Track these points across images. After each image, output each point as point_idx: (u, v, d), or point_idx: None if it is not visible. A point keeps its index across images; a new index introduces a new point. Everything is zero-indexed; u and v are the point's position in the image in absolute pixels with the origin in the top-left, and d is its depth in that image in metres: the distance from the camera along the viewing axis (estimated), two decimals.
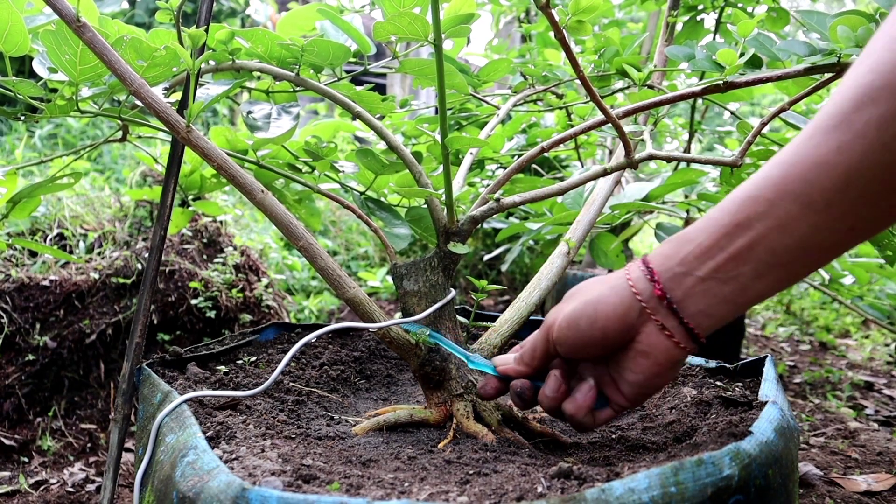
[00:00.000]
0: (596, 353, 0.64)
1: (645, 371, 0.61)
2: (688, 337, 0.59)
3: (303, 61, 0.91)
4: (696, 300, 0.58)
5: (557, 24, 0.71)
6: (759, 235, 0.53)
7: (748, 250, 0.54)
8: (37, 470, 1.44)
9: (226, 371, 0.91)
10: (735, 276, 0.55)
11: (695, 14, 1.55)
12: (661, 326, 0.59)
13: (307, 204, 1.13)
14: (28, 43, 0.76)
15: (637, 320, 0.60)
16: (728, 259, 0.55)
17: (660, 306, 0.59)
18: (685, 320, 0.58)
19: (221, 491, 0.52)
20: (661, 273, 0.59)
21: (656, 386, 0.63)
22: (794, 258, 0.53)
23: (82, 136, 3.72)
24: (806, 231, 0.52)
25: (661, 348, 0.60)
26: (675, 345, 0.59)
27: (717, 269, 0.56)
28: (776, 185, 0.52)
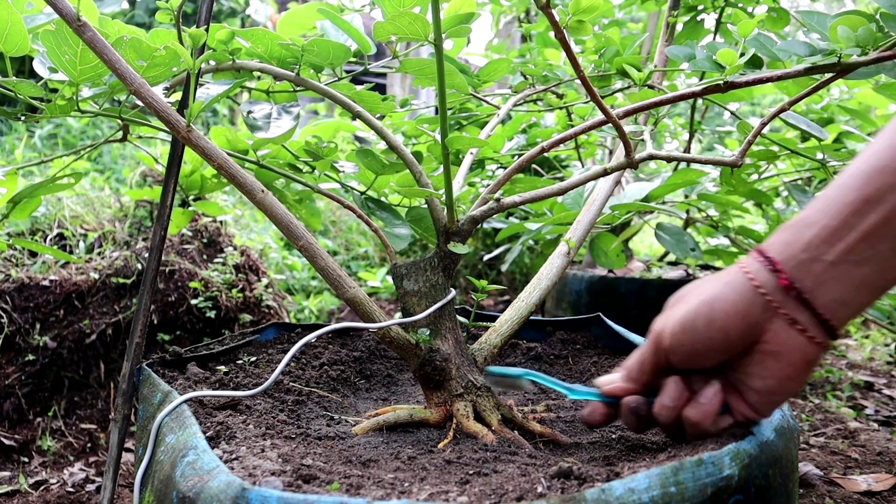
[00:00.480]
0: (716, 359, 0.57)
1: (776, 374, 0.54)
2: (823, 331, 0.52)
3: (303, 61, 0.91)
4: (830, 288, 0.51)
5: (558, 24, 0.71)
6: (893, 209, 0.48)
7: (884, 226, 0.48)
8: (37, 470, 1.44)
9: (226, 371, 0.91)
10: (871, 256, 0.49)
11: (695, 14, 1.55)
12: (791, 321, 0.52)
13: (307, 204, 1.13)
14: (28, 43, 0.76)
15: (762, 317, 0.53)
16: (861, 238, 0.49)
17: (787, 299, 0.52)
18: (819, 311, 0.51)
19: (221, 491, 0.52)
20: (784, 262, 0.52)
21: (789, 391, 0.55)
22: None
23: (82, 136, 3.72)
24: None
25: (793, 346, 0.53)
26: (809, 340, 0.52)
27: (849, 250, 0.50)
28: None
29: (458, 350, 0.82)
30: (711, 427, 0.59)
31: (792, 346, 0.53)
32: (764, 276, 0.53)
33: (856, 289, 0.51)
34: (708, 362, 0.57)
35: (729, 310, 0.54)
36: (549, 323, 1.18)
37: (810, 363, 0.54)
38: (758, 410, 0.57)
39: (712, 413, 0.58)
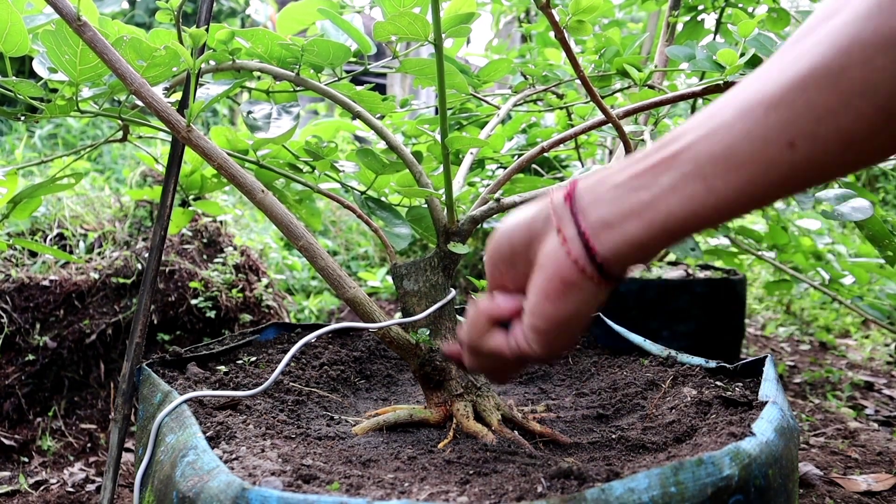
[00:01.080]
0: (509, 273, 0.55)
1: (537, 290, 0.51)
2: (582, 249, 0.48)
3: (303, 61, 0.91)
4: (601, 207, 0.48)
5: (558, 24, 0.71)
6: (687, 144, 0.45)
7: (671, 159, 0.46)
8: (37, 470, 1.44)
9: (226, 371, 0.91)
10: (648, 184, 0.46)
11: (695, 14, 1.55)
12: (558, 231, 0.50)
13: (307, 204, 1.13)
14: (28, 43, 0.76)
15: (542, 229, 0.51)
16: (649, 167, 0.47)
17: (564, 211, 0.50)
18: (580, 224, 0.49)
19: (221, 491, 0.52)
20: (580, 181, 0.51)
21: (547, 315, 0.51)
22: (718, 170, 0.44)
23: (82, 136, 3.72)
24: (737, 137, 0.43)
25: (553, 258, 0.50)
26: (566, 255, 0.49)
27: (633, 176, 0.47)
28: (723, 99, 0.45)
29: None
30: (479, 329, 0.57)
31: (552, 257, 0.50)
32: (558, 192, 0.52)
33: (624, 213, 0.47)
34: (505, 277, 0.56)
35: (519, 219, 0.53)
36: None
37: (564, 282, 0.50)
38: (526, 338, 0.54)
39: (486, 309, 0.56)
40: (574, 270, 0.49)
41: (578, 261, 0.49)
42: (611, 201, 0.48)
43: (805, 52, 0.42)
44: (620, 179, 0.48)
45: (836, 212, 0.95)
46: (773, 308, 3.23)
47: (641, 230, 0.47)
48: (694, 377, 0.90)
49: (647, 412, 0.85)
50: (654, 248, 0.48)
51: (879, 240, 1.04)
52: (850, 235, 3.20)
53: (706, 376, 0.89)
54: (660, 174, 0.46)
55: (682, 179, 0.45)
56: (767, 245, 1.80)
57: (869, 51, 0.40)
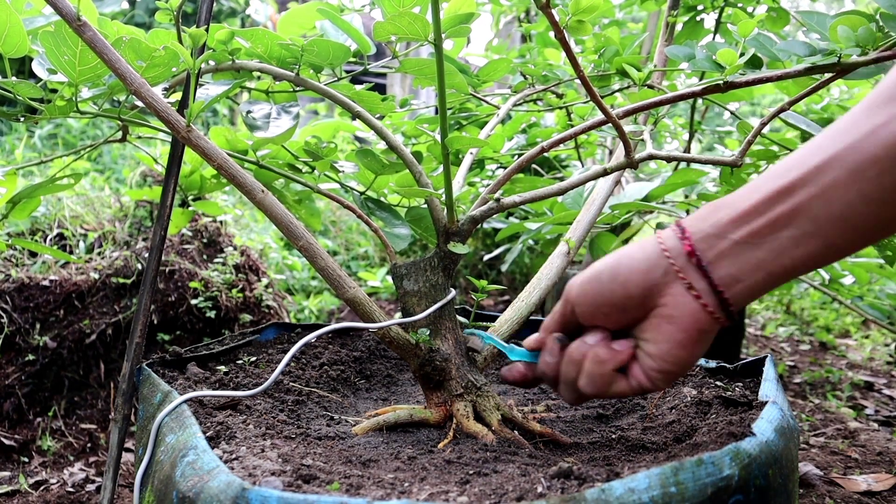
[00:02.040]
0: (615, 315, 0.58)
1: (669, 339, 0.56)
2: (717, 303, 0.54)
3: (303, 61, 0.91)
4: (728, 263, 0.54)
5: (557, 24, 0.71)
6: (802, 202, 0.50)
7: (788, 217, 0.51)
8: (37, 470, 1.44)
9: (226, 371, 0.91)
10: (770, 241, 0.52)
11: (695, 14, 1.55)
12: (688, 286, 0.54)
13: (307, 204, 1.13)
14: (27, 44, 0.76)
15: (662, 279, 0.55)
16: (766, 224, 0.52)
17: (688, 265, 0.55)
18: (715, 282, 0.54)
19: (221, 491, 0.52)
20: (693, 233, 0.55)
21: (681, 360, 0.56)
22: (836, 229, 0.50)
23: (82, 137, 3.72)
24: (853, 199, 0.49)
25: (687, 311, 0.55)
26: (702, 308, 0.54)
27: (752, 233, 0.52)
28: (826, 152, 0.50)
29: (457, 350, 0.82)
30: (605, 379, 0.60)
31: (686, 310, 0.55)
32: (672, 242, 0.56)
33: (751, 269, 0.53)
34: (608, 319, 0.59)
35: (633, 266, 0.57)
36: None
37: (702, 332, 0.55)
38: (651, 379, 0.58)
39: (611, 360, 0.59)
40: (710, 321, 0.55)
41: (714, 313, 0.54)
42: (736, 258, 0.54)
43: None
44: (739, 236, 0.53)
45: None
46: (773, 308, 3.23)
47: (767, 280, 0.53)
48: (694, 377, 0.90)
49: (647, 412, 0.85)
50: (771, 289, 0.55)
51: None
52: None
53: (706, 376, 0.89)
54: (779, 232, 0.52)
55: (803, 237, 0.51)
56: None
57: None
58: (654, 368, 0.58)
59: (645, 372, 0.58)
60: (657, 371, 0.58)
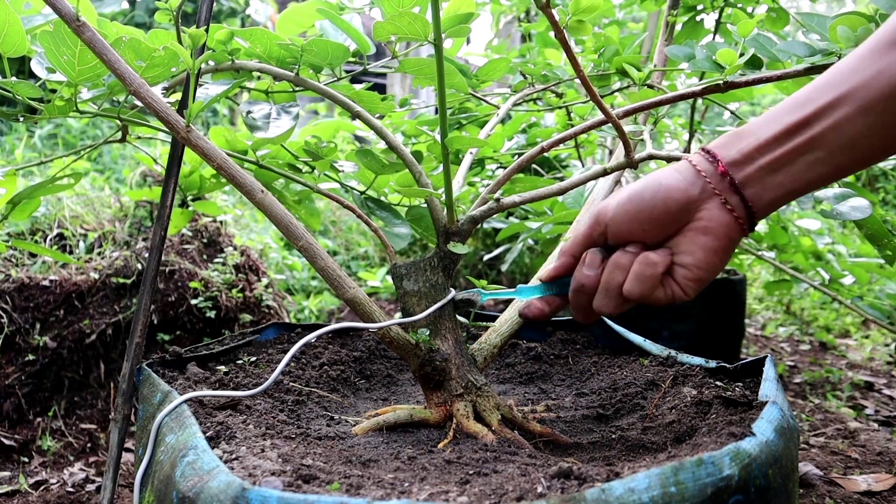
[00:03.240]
0: (654, 231, 0.64)
1: (705, 248, 0.62)
2: (746, 215, 0.62)
3: (302, 61, 0.91)
4: (754, 184, 0.61)
5: (557, 24, 0.71)
6: (816, 133, 0.59)
7: (805, 146, 0.59)
8: (37, 470, 1.44)
9: (226, 371, 0.91)
10: (789, 166, 0.60)
11: (695, 14, 1.55)
12: (723, 201, 0.61)
13: (307, 204, 1.13)
14: (26, 43, 0.76)
15: (700, 196, 0.62)
16: (786, 152, 0.60)
17: (723, 183, 0.62)
18: (747, 198, 0.61)
19: (221, 491, 0.52)
20: (725, 157, 0.62)
21: (713, 267, 0.63)
22: (845, 155, 0.59)
23: (82, 137, 3.72)
24: (861, 130, 0.57)
25: (722, 223, 0.62)
26: (735, 220, 0.62)
27: (774, 160, 0.60)
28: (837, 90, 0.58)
29: (458, 350, 0.82)
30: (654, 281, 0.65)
31: (721, 222, 0.62)
32: (705, 164, 0.63)
33: (774, 188, 0.61)
34: (647, 234, 0.65)
35: (673, 185, 0.63)
36: (549, 323, 1.17)
37: (733, 241, 0.63)
38: (685, 287, 0.65)
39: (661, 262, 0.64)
40: (741, 230, 0.62)
41: (744, 224, 0.62)
42: (760, 180, 0.61)
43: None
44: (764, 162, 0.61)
45: (836, 211, 0.95)
46: (773, 308, 3.23)
47: (785, 197, 0.62)
48: (694, 377, 0.90)
49: (647, 412, 0.85)
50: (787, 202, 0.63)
51: (878, 239, 1.04)
52: (850, 235, 3.20)
53: (706, 376, 0.89)
54: (796, 159, 0.60)
55: (816, 162, 0.60)
56: (767, 245, 1.80)
57: None
58: (688, 277, 0.64)
59: (679, 281, 0.65)
60: (692, 279, 0.64)
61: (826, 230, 2.24)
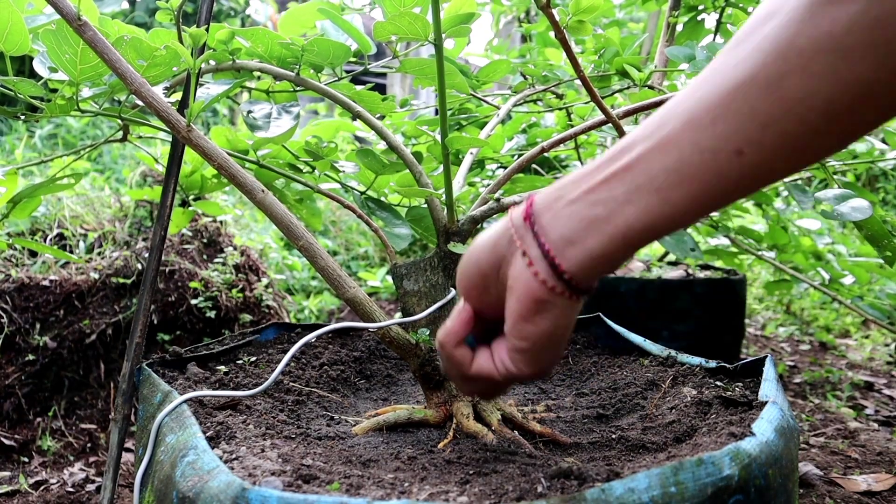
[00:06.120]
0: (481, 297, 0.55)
1: (511, 311, 0.52)
2: (548, 267, 0.49)
3: (303, 61, 0.91)
4: (560, 223, 0.49)
5: (558, 24, 0.71)
6: (638, 156, 0.46)
7: (624, 171, 0.47)
8: (37, 470, 1.44)
9: (226, 371, 0.91)
10: (605, 199, 0.47)
11: (695, 14, 1.55)
12: (522, 253, 0.50)
13: (308, 204, 1.13)
14: (28, 42, 0.76)
15: (507, 250, 0.52)
16: (603, 180, 0.48)
17: (525, 232, 0.51)
18: (544, 244, 0.49)
19: (221, 491, 0.52)
20: (537, 199, 0.51)
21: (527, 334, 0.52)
22: (672, 183, 0.45)
23: (82, 136, 3.72)
24: (686, 150, 0.44)
25: (522, 280, 0.50)
26: (533, 276, 0.49)
27: (588, 190, 0.48)
28: (668, 107, 0.47)
29: None
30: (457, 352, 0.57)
31: (521, 279, 0.51)
32: (517, 211, 0.52)
33: (584, 228, 0.48)
34: (478, 302, 0.56)
35: (483, 243, 0.54)
36: None
37: (536, 302, 0.50)
38: (511, 359, 0.54)
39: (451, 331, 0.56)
40: (544, 290, 0.49)
41: (547, 280, 0.49)
42: (569, 217, 0.48)
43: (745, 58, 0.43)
44: (575, 195, 0.49)
45: (836, 212, 0.95)
46: (773, 308, 3.23)
47: (603, 244, 0.47)
48: (694, 377, 0.90)
49: (647, 412, 0.85)
50: (618, 259, 0.49)
51: (878, 240, 1.04)
52: (849, 235, 3.20)
53: (706, 376, 0.89)
54: (614, 187, 0.47)
55: (636, 192, 0.46)
56: (767, 245, 1.80)
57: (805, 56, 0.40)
58: (510, 349, 0.54)
59: (507, 352, 0.54)
60: (513, 350, 0.54)
61: (826, 230, 2.24)
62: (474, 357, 0.57)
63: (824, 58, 0.40)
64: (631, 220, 0.46)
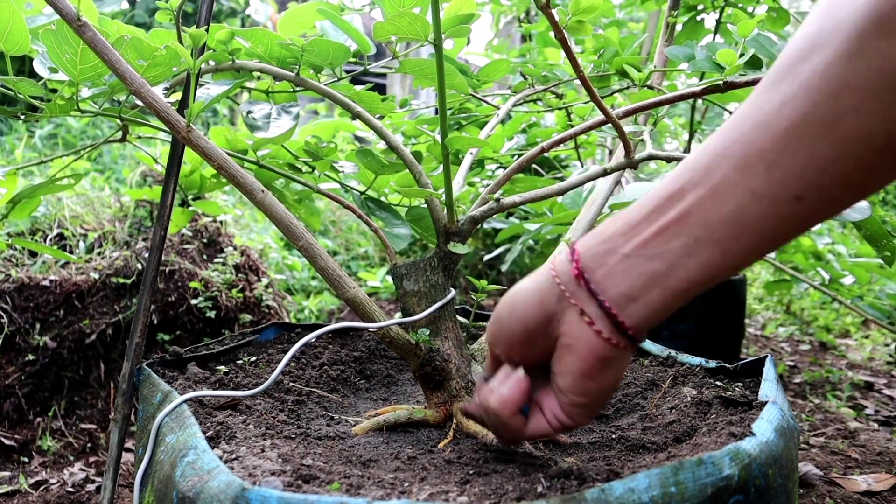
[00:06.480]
0: (522, 352, 0.55)
1: (571, 370, 0.52)
2: (611, 326, 0.49)
3: (303, 61, 0.91)
4: (617, 280, 0.48)
5: (557, 24, 0.71)
6: (691, 205, 0.45)
7: (678, 223, 0.46)
8: (37, 470, 1.44)
9: (226, 371, 0.91)
10: (662, 252, 0.47)
11: (695, 14, 1.55)
12: (580, 311, 0.50)
13: (307, 204, 1.13)
14: (28, 42, 0.76)
15: (557, 307, 0.51)
16: (656, 233, 0.47)
17: (578, 288, 0.50)
18: (604, 303, 0.49)
19: (221, 491, 0.52)
20: (582, 252, 0.50)
21: (589, 391, 0.52)
22: (731, 233, 0.44)
23: (82, 137, 3.72)
24: (744, 198, 0.43)
25: (583, 339, 0.50)
26: (596, 334, 0.49)
27: (643, 244, 0.47)
28: (714, 150, 0.45)
29: (458, 350, 0.82)
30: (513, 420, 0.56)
31: (582, 339, 0.50)
32: (563, 266, 0.51)
33: (644, 284, 0.48)
34: (519, 356, 0.56)
35: (527, 299, 0.53)
36: None
37: (601, 360, 0.50)
38: (568, 414, 0.55)
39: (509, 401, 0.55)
40: (608, 347, 0.50)
41: (611, 338, 0.49)
42: (626, 274, 0.48)
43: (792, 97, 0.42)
44: (629, 249, 0.48)
45: None
46: (773, 308, 3.23)
47: (664, 297, 0.47)
48: (694, 377, 0.90)
49: (647, 412, 0.85)
50: (676, 308, 0.49)
51: (877, 240, 1.04)
52: (850, 235, 3.20)
53: (706, 376, 0.89)
54: (670, 240, 0.46)
55: (696, 245, 0.45)
56: None
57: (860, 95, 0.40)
58: (567, 403, 0.54)
59: (562, 407, 0.55)
60: (570, 405, 0.54)
61: (826, 230, 2.24)
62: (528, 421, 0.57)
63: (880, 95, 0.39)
64: (693, 273, 0.46)
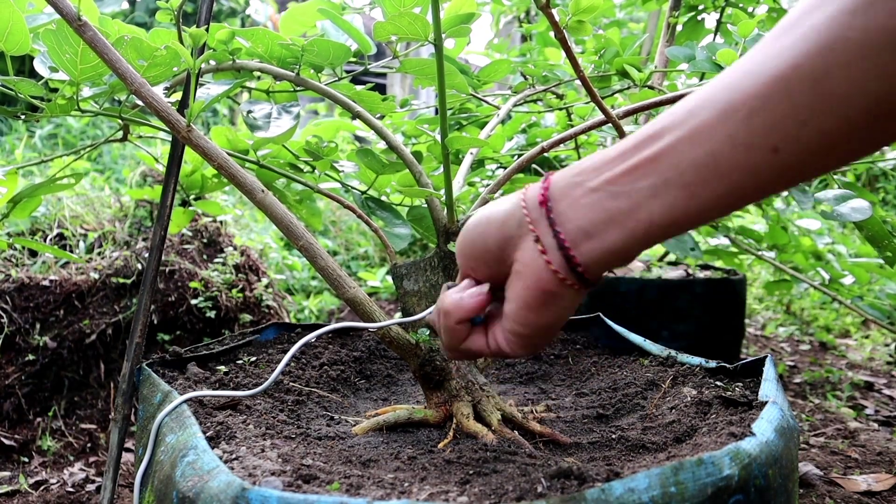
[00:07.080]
0: (484, 270, 0.54)
1: (517, 297, 0.50)
2: (563, 259, 0.47)
3: (303, 61, 0.91)
4: (579, 213, 0.46)
5: (558, 24, 0.71)
6: (667, 146, 0.43)
7: (651, 162, 0.44)
8: (37, 470, 1.44)
9: (226, 371, 0.91)
10: (628, 190, 0.45)
11: (695, 14, 1.55)
12: (535, 238, 0.48)
13: (308, 204, 1.13)
14: (29, 42, 0.76)
15: (517, 231, 0.50)
16: (627, 170, 0.45)
17: (540, 216, 0.48)
18: (559, 234, 0.47)
19: (221, 491, 0.52)
20: (554, 181, 0.49)
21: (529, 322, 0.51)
22: (701, 178, 0.42)
23: (82, 136, 3.72)
24: (720, 142, 0.42)
25: (532, 267, 0.49)
26: (546, 265, 0.48)
27: (611, 180, 0.45)
28: (700, 95, 0.43)
29: None
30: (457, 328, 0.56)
31: (531, 266, 0.49)
32: (533, 191, 0.49)
33: (604, 221, 0.46)
34: (481, 275, 0.55)
35: (493, 217, 0.52)
36: None
37: (545, 293, 0.49)
38: (506, 341, 0.54)
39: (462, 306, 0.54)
40: (555, 281, 0.48)
41: (560, 272, 0.47)
42: (589, 208, 0.46)
43: (787, 48, 0.41)
44: (596, 183, 0.46)
45: (836, 212, 0.95)
46: (773, 308, 3.23)
47: (623, 238, 0.46)
48: (694, 377, 0.90)
49: (647, 412, 0.85)
50: (635, 253, 0.47)
51: (878, 240, 1.04)
52: (850, 235, 3.20)
53: (706, 376, 0.89)
54: (638, 179, 0.44)
55: (663, 186, 0.44)
56: (767, 245, 1.80)
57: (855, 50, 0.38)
58: (507, 329, 0.53)
59: (503, 332, 0.53)
60: (510, 332, 0.53)
61: (826, 230, 2.24)
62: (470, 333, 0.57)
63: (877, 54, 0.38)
64: (655, 215, 0.44)
